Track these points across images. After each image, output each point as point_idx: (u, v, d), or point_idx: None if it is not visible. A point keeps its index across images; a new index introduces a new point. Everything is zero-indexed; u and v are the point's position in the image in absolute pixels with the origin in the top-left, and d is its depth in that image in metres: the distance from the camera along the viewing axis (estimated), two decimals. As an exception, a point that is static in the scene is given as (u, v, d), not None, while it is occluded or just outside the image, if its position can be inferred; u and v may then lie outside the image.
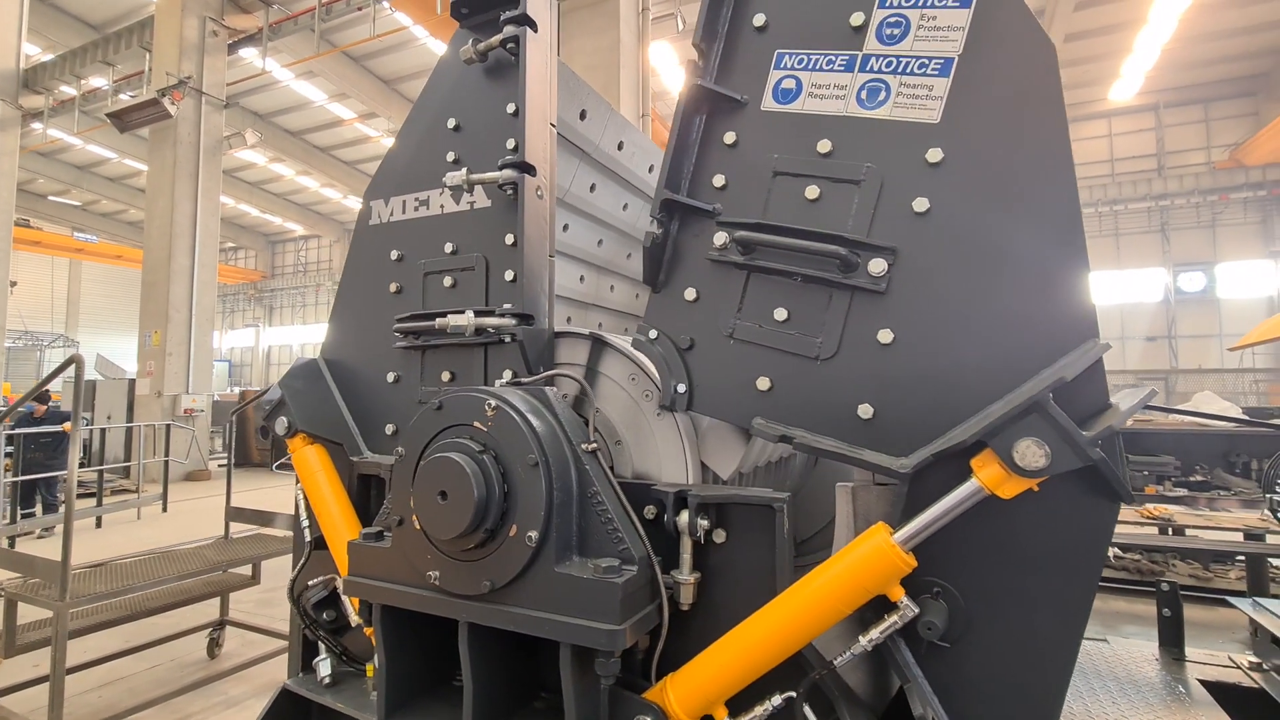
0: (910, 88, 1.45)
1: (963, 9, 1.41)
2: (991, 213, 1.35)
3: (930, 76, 1.43)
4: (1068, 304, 1.28)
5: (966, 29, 1.40)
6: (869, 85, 1.49)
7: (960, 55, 1.41)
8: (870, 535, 1.30)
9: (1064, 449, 1.15)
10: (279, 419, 2.09)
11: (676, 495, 1.55)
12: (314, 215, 35.45)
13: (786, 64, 1.59)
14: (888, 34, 1.49)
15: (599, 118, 2.55)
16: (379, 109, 22.48)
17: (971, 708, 1.30)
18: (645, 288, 3.97)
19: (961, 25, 1.41)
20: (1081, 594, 1.24)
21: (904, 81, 1.45)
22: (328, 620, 2.07)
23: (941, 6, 1.43)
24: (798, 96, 1.57)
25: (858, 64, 1.51)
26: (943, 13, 1.43)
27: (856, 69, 1.51)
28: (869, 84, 1.49)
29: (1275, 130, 18.70)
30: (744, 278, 1.59)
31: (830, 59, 1.54)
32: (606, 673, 1.39)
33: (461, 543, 1.49)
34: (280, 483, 13.80)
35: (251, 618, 5.66)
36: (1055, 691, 1.24)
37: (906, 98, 1.45)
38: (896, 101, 1.46)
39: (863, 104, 1.49)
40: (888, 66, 1.48)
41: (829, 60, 1.54)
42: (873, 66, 1.49)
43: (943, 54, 1.42)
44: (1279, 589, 5.95)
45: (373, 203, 2.21)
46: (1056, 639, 1.25)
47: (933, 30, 1.43)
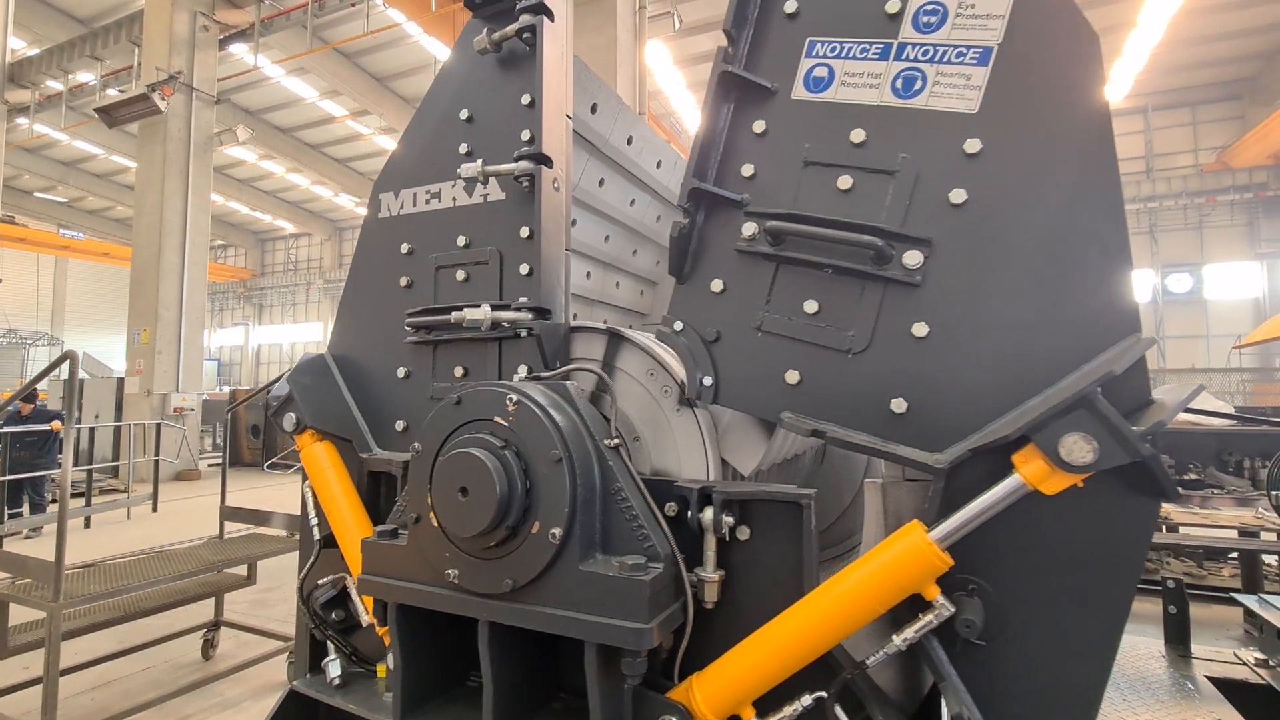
0: (947, 77, 1.42)
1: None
2: (1031, 205, 1.32)
3: (968, 65, 1.40)
4: (1109, 298, 1.25)
5: (1007, 17, 1.38)
6: (905, 74, 1.46)
7: (1000, 44, 1.38)
8: (906, 533, 1.28)
9: (1112, 444, 1.13)
10: (287, 415, 2.05)
11: (701, 492, 1.52)
12: (304, 213, 35.17)
13: (818, 52, 1.56)
14: (924, 22, 1.46)
15: (609, 111, 2.52)
16: (371, 106, 22.34)
17: (1007, 708, 1.28)
18: (650, 285, 3.95)
19: (1001, 13, 1.38)
20: (1121, 593, 1.21)
21: (941, 70, 1.42)
22: (337, 620, 2.03)
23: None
24: (830, 85, 1.54)
25: (893, 52, 1.48)
26: (982, 0, 1.40)
27: (891, 57, 1.48)
28: (905, 73, 1.46)
29: (1261, 134, 18.94)
30: (773, 269, 1.56)
31: (864, 47, 1.51)
32: (633, 672, 1.37)
33: (482, 540, 1.46)
34: (272, 482, 13.66)
35: (246, 618, 5.58)
36: (1093, 692, 1.23)
37: (944, 87, 1.42)
38: (933, 91, 1.43)
39: (898, 93, 1.47)
40: (924, 55, 1.45)
41: (863, 48, 1.51)
42: (909, 55, 1.46)
43: (982, 43, 1.39)
44: (1272, 586, 6.01)
45: (382, 195, 2.17)
46: (1095, 639, 1.23)
47: (971, 18, 1.41)
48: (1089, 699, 1.23)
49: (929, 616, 1.26)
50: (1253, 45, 19.37)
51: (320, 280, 37.10)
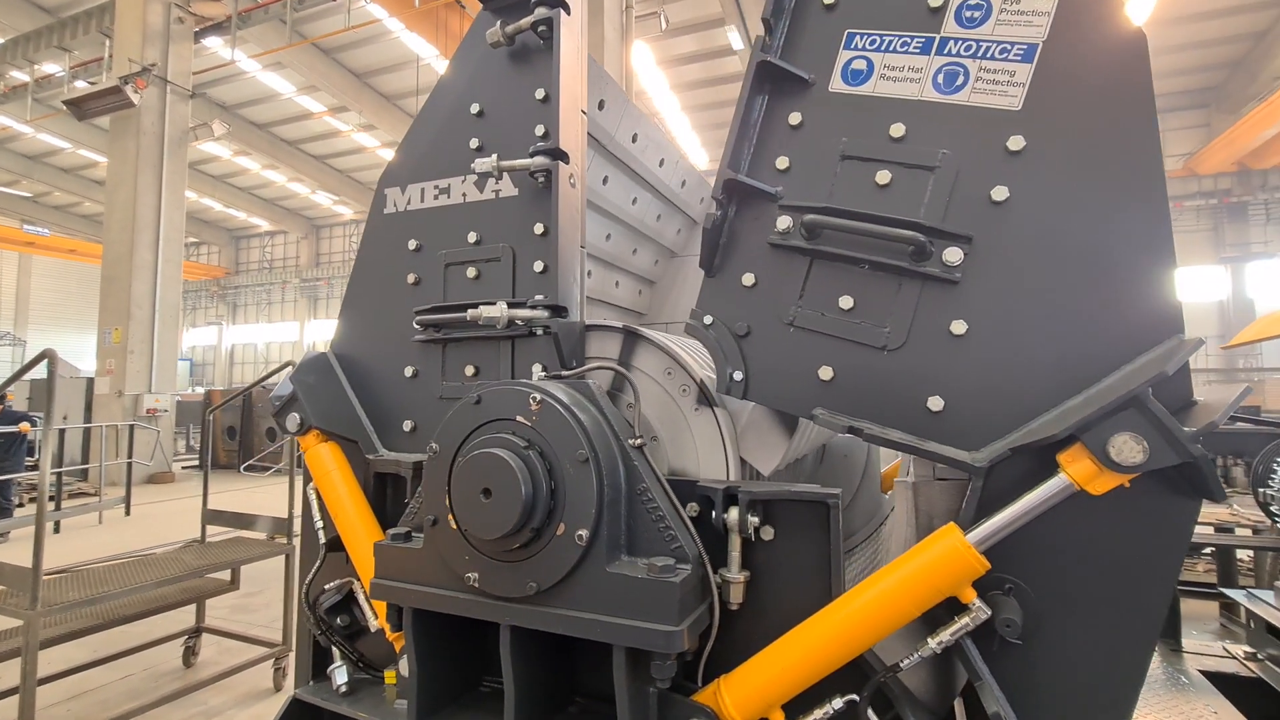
0: (991, 73, 1.41)
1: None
2: (1074, 203, 1.32)
3: (1012, 62, 1.39)
4: (1152, 299, 1.25)
5: (1052, 14, 1.37)
6: (946, 69, 1.45)
7: (1045, 41, 1.37)
8: (942, 535, 1.27)
9: (1163, 445, 1.13)
10: (290, 415, 1.99)
11: (726, 492, 1.50)
12: (280, 210, 34.52)
13: (858, 44, 1.54)
14: (968, 16, 1.45)
15: (616, 108, 2.49)
16: (350, 103, 21.99)
17: (1042, 708, 1.28)
18: (649, 284, 3.92)
19: (1047, 10, 1.38)
20: (1159, 594, 1.22)
21: (984, 66, 1.42)
22: (342, 625, 1.98)
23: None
24: (869, 78, 1.52)
25: (935, 47, 1.47)
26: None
27: (933, 52, 1.47)
28: (946, 68, 1.45)
29: (1226, 141, 19.51)
30: (807, 264, 1.54)
31: (905, 41, 1.50)
32: (663, 675, 1.35)
33: (505, 543, 1.43)
34: (249, 484, 13.37)
35: (228, 624, 5.45)
36: (1129, 694, 1.23)
37: (986, 83, 1.41)
38: (975, 87, 1.42)
39: (939, 88, 1.46)
40: (967, 50, 1.44)
41: (904, 42, 1.50)
42: (951, 50, 1.45)
43: (1026, 39, 1.39)
44: (1245, 580, 6.18)
45: (388, 190, 2.12)
46: (1131, 640, 1.23)
47: (1016, 14, 1.40)
48: (1125, 702, 1.23)
49: (965, 620, 1.25)
50: (1218, 55, 19.96)
51: (296, 279, 36.44)
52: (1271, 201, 22.19)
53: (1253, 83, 19.62)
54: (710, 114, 23.44)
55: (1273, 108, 17.08)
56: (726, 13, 17.03)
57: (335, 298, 36.15)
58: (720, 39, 18.60)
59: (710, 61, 20.44)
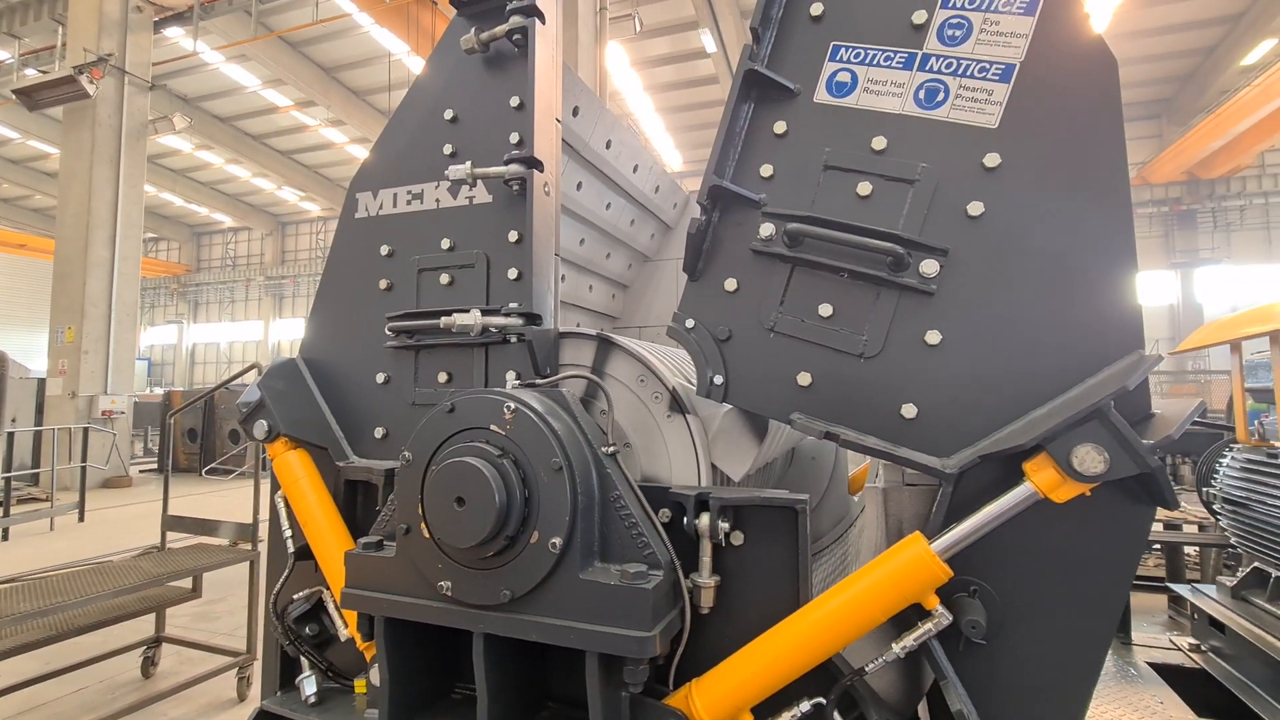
0: (970, 91, 1.45)
1: (1027, 16, 1.42)
2: (1046, 221, 1.36)
3: (991, 81, 1.43)
4: (1116, 314, 1.30)
5: (1030, 36, 1.41)
6: (928, 85, 1.49)
7: (1022, 62, 1.41)
8: (907, 545, 1.31)
9: (1123, 456, 1.18)
10: (258, 422, 1.96)
11: (697, 498, 1.53)
12: (244, 206, 33.64)
13: (842, 57, 1.57)
14: (949, 35, 1.48)
15: (591, 115, 2.51)
16: (318, 97, 21.55)
17: (1003, 705, 1.33)
18: (622, 289, 3.94)
19: (1025, 32, 1.42)
20: (1115, 596, 1.28)
21: (964, 84, 1.46)
22: (311, 635, 1.95)
23: (1005, 11, 1.43)
24: (853, 90, 1.55)
25: (917, 62, 1.50)
26: (1006, 18, 1.44)
27: (915, 68, 1.50)
28: (928, 84, 1.49)
29: (1176, 151, 20.33)
30: (788, 271, 1.56)
31: (889, 55, 1.53)
32: (635, 680, 1.37)
33: (479, 551, 1.43)
34: (211, 489, 13.00)
35: (188, 633, 5.31)
36: (1084, 690, 1.29)
37: (966, 100, 1.45)
38: (955, 104, 1.46)
39: (920, 104, 1.49)
40: (948, 68, 1.47)
41: (887, 56, 1.53)
42: (932, 66, 1.49)
43: (1004, 59, 1.43)
44: (1192, 575, 6.45)
45: (359, 195, 2.10)
46: (1088, 639, 1.29)
47: (995, 35, 1.44)
48: (1081, 697, 1.29)
49: (928, 625, 1.30)
50: (1170, 69, 20.78)
51: (261, 277, 35.57)
52: (1218, 210, 23.19)
53: (1201, 95, 20.48)
54: (684, 115, 23.57)
55: (1219, 121, 17.87)
56: (700, 16, 17.15)
57: (301, 296, 35.39)
58: (694, 41, 18.72)
59: (684, 64, 20.56)
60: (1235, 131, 17.73)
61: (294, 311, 35.64)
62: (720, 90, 21.29)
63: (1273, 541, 2.81)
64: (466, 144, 1.96)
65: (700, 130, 24.63)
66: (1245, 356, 3.80)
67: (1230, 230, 23.18)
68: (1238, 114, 16.99)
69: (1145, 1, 16.68)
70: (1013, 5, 1.43)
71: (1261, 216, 22.96)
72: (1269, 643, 2.56)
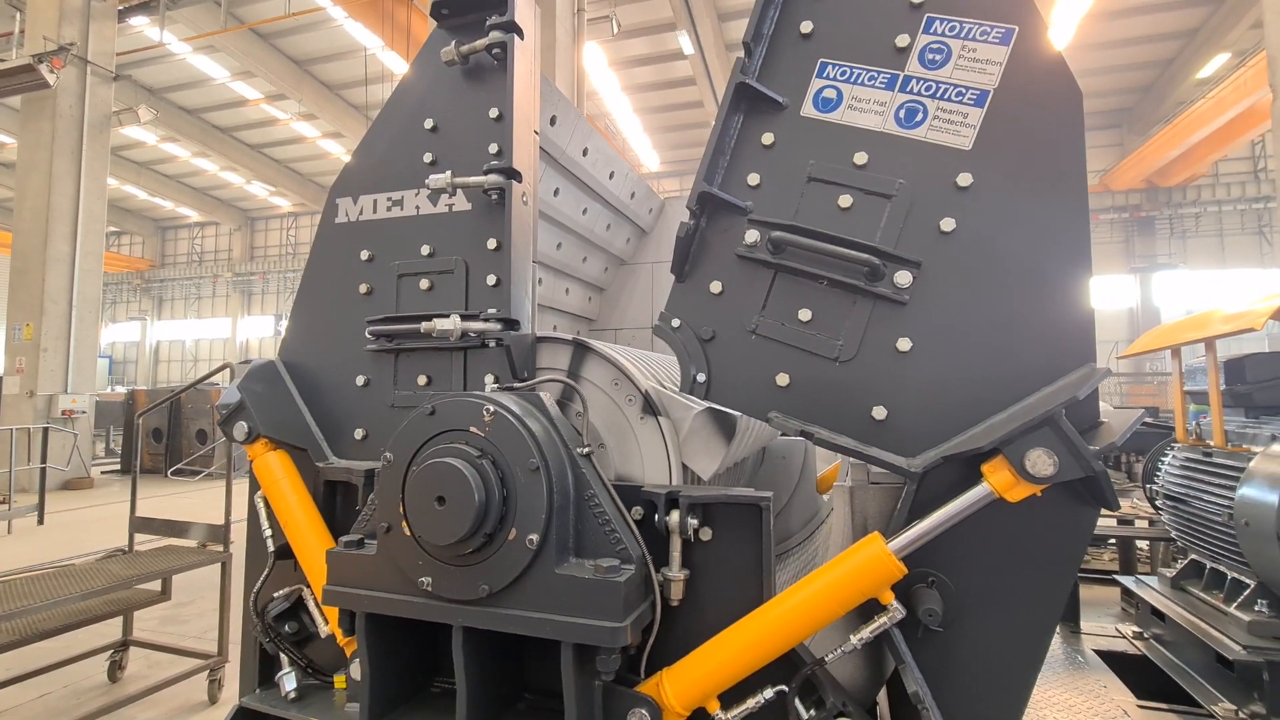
0: (947, 113, 1.54)
1: (1002, 46, 1.51)
2: (1011, 240, 1.47)
3: (966, 105, 1.53)
4: (1071, 329, 1.41)
5: (1004, 65, 1.51)
6: (908, 105, 1.58)
7: (995, 89, 1.51)
8: (866, 544, 1.41)
9: (1070, 460, 1.28)
10: (238, 424, 1.99)
11: (668, 496, 1.61)
12: (212, 200, 32.85)
13: (829, 74, 1.65)
14: (930, 59, 1.57)
15: (568, 123, 2.58)
16: (289, 91, 21.17)
17: (956, 688, 1.44)
18: (598, 291, 4.01)
19: (999, 61, 1.51)
20: (1060, 587, 1.39)
21: (941, 106, 1.55)
22: (290, 632, 1.99)
23: (982, 40, 1.53)
24: (838, 107, 1.64)
25: (898, 83, 1.59)
26: (983, 46, 1.53)
27: (897, 88, 1.59)
28: (908, 104, 1.58)
29: (1136, 159, 21.06)
30: (771, 276, 1.64)
31: (873, 75, 1.62)
32: (607, 669, 1.44)
33: (458, 548, 1.50)
34: (177, 490, 12.73)
35: (158, 636, 5.23)
36: (1030, 673, 1.41)
37: (943, 122, 1.54)
38: (932, 125, 1.55)
39: (900, 123, 1.58)
40: (927, 90, 1.57)
41: (871, 76, 1.62)
42: (913, 88, 1.58)
43: (980, 85, 1.52)
44: (1144, 568, 6.74)
45: (339, 200, 2.14)
46: (1035, 628, 1.41)
47: (972, 61, 1.53)
48: (1027, 680, 1.41)
49: (883, 618, 1.39)
50: (1130, 80, 21.51)
51: (229, 273, 34.76)
52: (1175, 217, 24.06)
53: (1160, 106, 21.22)
54: (662, 116, 23.68)
55: (1175, 131, 18.55)
56: (678, 18, 17.27)
57: (271, 293, 34.71)
58: (671, 43, 18.82)
59: (662, 65, 20.65)
60: (1191, 141, 18.42)
61: (263, 309, 34.95)
62: (698, 92, 21.44)
63: (1207, 535, 2.99)
64: (446, 152, 2.01)
65: (678, 131, 24.77)
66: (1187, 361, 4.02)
67: (1186, 236, 24.08)
68: (1193, 125, 17.66)
69: (1108, 15, 17.23)
70: (989, 35, 1.53)
71: (1215, 224, 23.88)
72: (1203, 630, 2.73)
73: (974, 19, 1.53)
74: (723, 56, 19.55)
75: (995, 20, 1.52)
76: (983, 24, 1.53)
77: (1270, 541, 2.45)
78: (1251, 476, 2.60)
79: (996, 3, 1.52)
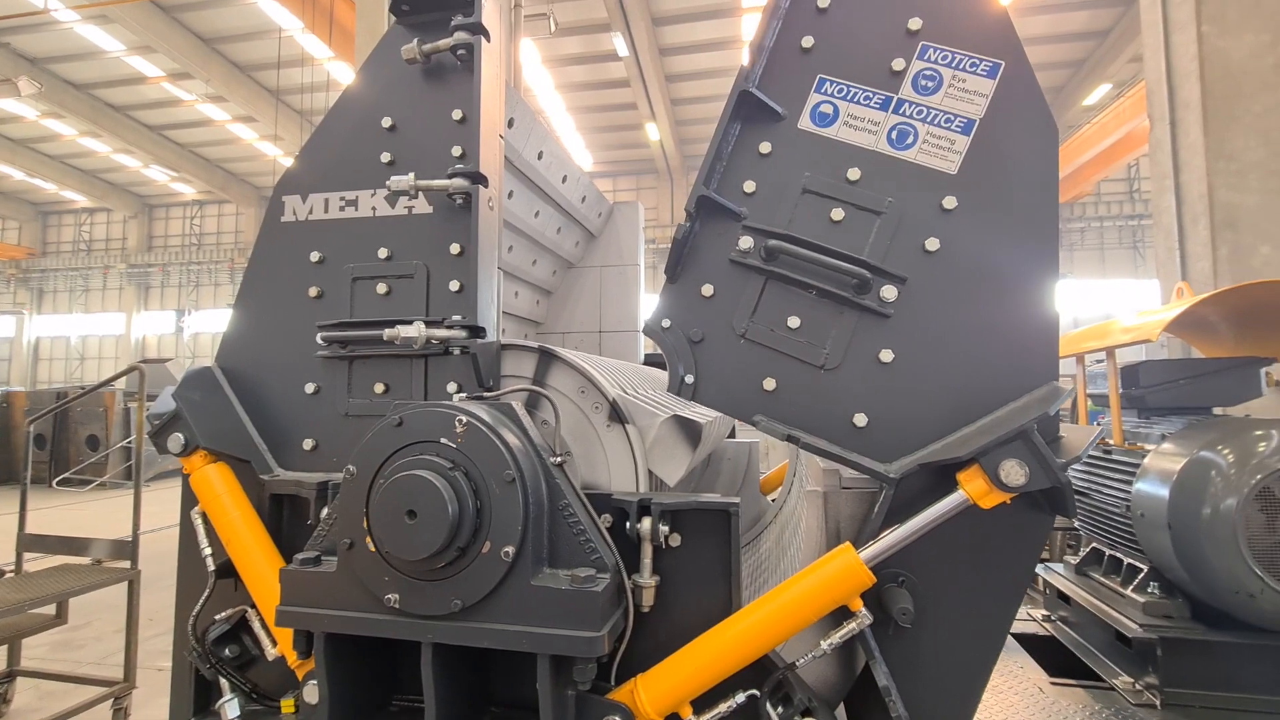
0: (936, 138, 1.63)
1: (989, 79, 1.61)
2: (988, 262, 1.57)
3: (954, 132, 1.62)
4: (1039, 347, 1.53)
5: (990, 97, 1.61)
6: (900, 127, 1.66)
7: (981, 119, 1.61)
8: (838, 554, 1.48)
9: (1039, 471, 1.38)
10: (173, 435, 1.85)
11: (640, 503, 1.63)
12: (103, 185, 30.07)
13: (827, 90, 1.70)
14: (922, 85, 1.66)
15: (524, 126, 2.55)
16: (195, 70, 19.69)
17: (919, 683, 1.53)
18: (546, 295, 3.98)
19: (986, 93, 1.61)
20: (1017, 588, 1.51)
21: (931, 131, 1.63)
22: (231, 656, 1.87)
23: (972, 72, 1.62)
24: (834, 122, 1.69)
25: (892, 105, 1.67)
26: (971, 78, 1.62)
27: (890, 110, 1.67)
28: (900, 126, 1.66)
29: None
30: (762, 283, 1.68)
31: (868, 95, 1.68)
32: (584, 679, 1.45)
33: (430, 563, 1.46)
34: (63, 501, 11.59)
35: (48, 664, 4.77)
36: (986, 669, 1.52)
37: (932, 146, 1.63)
38: (922, 148, 1.63)
39: (892, 143, 1.66)
40: (918, 114, 1.65)
41: (867, 95, 1.68)
42: (905, 111, 1.66)
43: (967, 114, 1.62)
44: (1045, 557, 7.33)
45: (286, 198, 2.03)
46: (993, 625, 1.52)
47: (961, 91, 1.62)
48: (984, 672, 1.53)
49: (852, 624, 1.47)
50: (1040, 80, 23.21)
51: (122, 264, 31.92)
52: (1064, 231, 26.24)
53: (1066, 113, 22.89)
54: (595, 116, 23.63)
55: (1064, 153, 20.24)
56: (612, 18, 17.30)
57: (171, 286, 32.19)
58: (606, 44, 18.83)
59: (596, 65, 20.62)
60: (1079, 162, 20.13)
61: (163, 303, 32.35)
62: (631, 94, 21.53)
63: (1108, 525, 3.31)
64: (405, 153, 1.95)
65: (611, 132, 24.79)
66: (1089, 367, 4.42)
67: (1073, 250, 26.33)
68: (1081, 147, 19.33)
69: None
70: (978, 68, 1.63)
71: (1097, 238, 26.25)
72: (1104, 611, 3.02)
73: (965, 51, 1.63)
74: (656, 61, 19.75)
75: (984, 54, 1.62)
76: (972, 56, 1.63)
77: (1162, 530, 2.73)
78: (1146, 472, 2.89)
79: (986, 37, 1.62)
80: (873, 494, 1.61)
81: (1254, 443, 2.61)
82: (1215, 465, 2.62)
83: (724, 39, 19.56)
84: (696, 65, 20.89)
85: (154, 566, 5.16)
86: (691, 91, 22.58)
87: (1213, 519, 2.55)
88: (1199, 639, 2.68)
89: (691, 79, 21.66)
